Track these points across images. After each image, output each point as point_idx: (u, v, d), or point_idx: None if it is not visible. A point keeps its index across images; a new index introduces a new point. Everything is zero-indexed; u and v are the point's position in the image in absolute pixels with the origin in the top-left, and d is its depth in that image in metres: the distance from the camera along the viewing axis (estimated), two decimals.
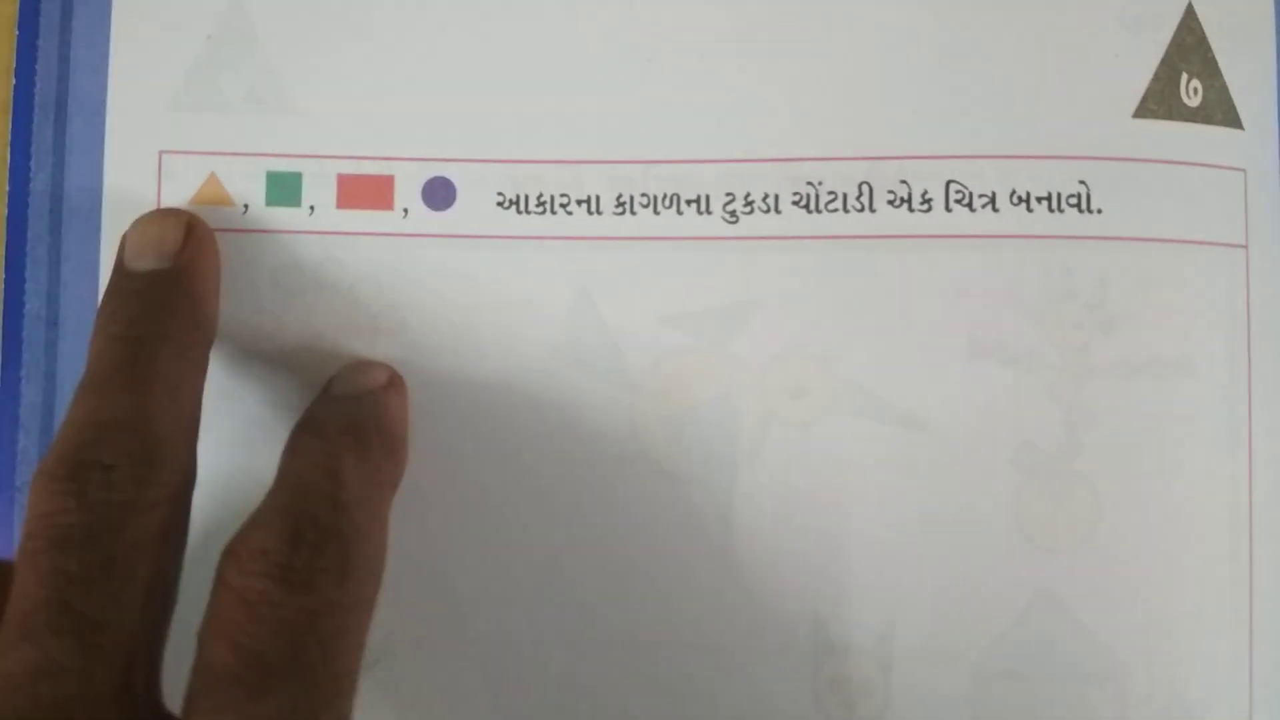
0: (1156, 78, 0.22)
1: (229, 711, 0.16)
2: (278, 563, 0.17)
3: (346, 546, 0.18)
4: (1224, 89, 0.22)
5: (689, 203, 0.22)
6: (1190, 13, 0.22)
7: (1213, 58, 0.22)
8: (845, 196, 0.22)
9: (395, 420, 0.21)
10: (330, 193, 0.22)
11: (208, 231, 0.21)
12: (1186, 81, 0.22)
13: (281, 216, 0.22)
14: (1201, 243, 0.22)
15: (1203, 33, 0.22)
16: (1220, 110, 0.22)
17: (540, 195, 0.22)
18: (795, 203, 0.22)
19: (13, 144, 0.22)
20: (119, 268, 0.21)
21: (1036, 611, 0.22)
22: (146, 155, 0.22)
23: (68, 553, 0.17)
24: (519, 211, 0.22)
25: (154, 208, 0.22)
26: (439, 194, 0.22)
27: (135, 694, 0.17)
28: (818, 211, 0.22)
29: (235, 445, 0.22)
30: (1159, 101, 0.22)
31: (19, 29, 0.22)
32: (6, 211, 0.22)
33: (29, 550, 0.17)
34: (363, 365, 0.22)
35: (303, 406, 0.21)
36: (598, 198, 0.22)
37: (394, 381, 0.22)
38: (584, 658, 0.22)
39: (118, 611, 0.17)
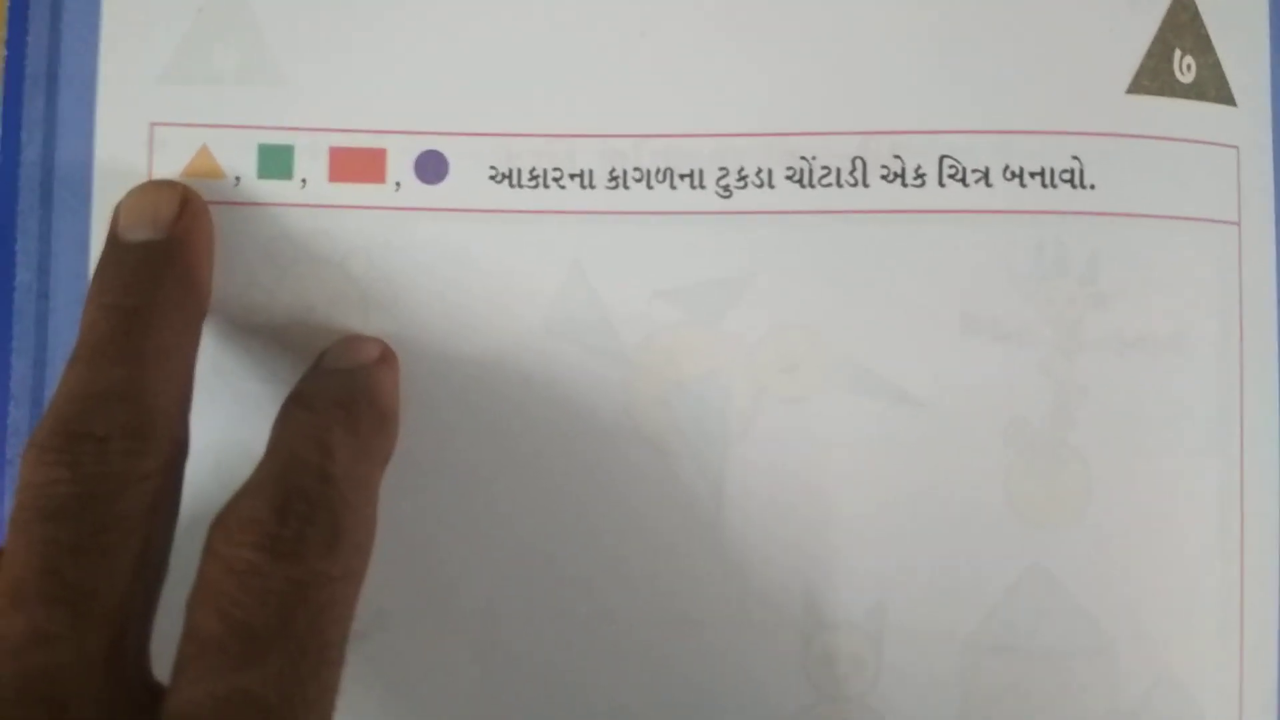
0: (1150, 54, 0.22)
1: (216, 679, 0.16)
2: (266, 533, 0.17)
3: (335, 518, 0.18)
4: (1217, 65, 0.22)
5: (682, 177, 0.22)
6: None
7: (1206, 34, 0.22)
8: (839, 171, 0.22)
9: (386, 395, 0.21)
10: (322, 165, 0.22)
11: (202, 204, 0.21)
12: (1180, 58, 0.22)
13: (273, 189, 0.22)
14: (1194, 219, 0.22)
15: (1196, 9, 0.22)
16: (1213, 87, 0.22)
17: (533, 169, 0.22)
18: (789, 177, 0.22)
19: (3, 116, 0.22)
20: (112, 238, 0.21)
21: (1027, 587, 0.22)
22: (138, 127, 0.22)
23: (59, 522, 0.17)
24: (512, 185, 0.22)
25: (146, 180, 0.22)
26: (431, 167, 0.22)
27: (124, 663, 0.17)
28: (811, 186, 0.22)
29: (226, 418, 0.22)
30: (1152, 78, 0.22)
31: (9, 1, 0.22)
32: None
33: (20, 520, 0.17)
34: (355, 340, 0.22)
35: (293, 380, 0.21)
36: (591, 172, 0.22)
37: (386, 356, 0.21)
38: (574, 633, 0.22)
39: (109, 581, 0.17)
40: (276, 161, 0.22)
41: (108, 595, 0.17)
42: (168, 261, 0.20)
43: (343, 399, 0.20)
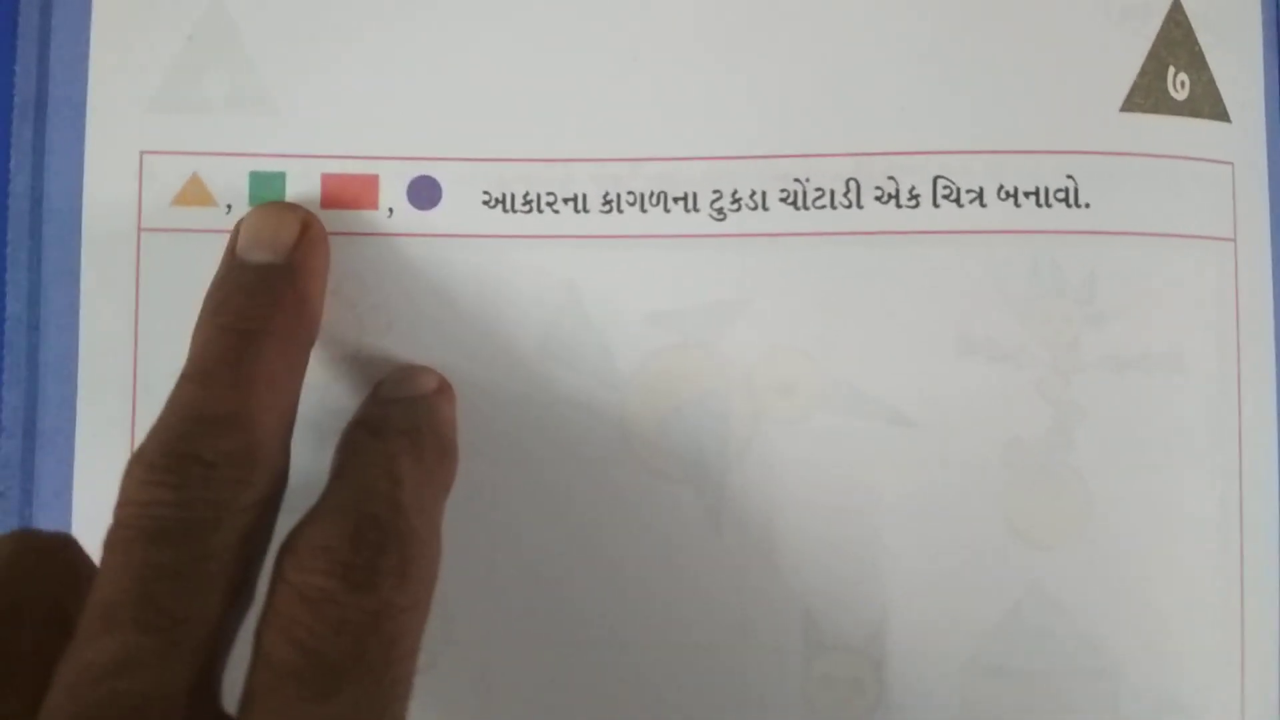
0: (1143, 71, 0.22)
1: (293, 710, 0.16)
2: (340, 560, 0.17)
3: (406, 548, 0.18)
4: (1211, 82, 0.22)
5: (676, 200, 0.22)
6: (1177, 6, 0.22)
7: (1199, 51, 0.22)
8: (833, 193, 0.22)
9: (447, 425, 0.21)
10: (314, 192, 0.22)
11: (321, 231, 0.21)
12: (1174, 75, 0.22)
13: None
14: (1189, 236, 0.22)
15: (1189, 26, 0.22)
16: (1207, 104, 0.22)
17: (527, 194, 0.22)
18: (783, 200, 0.22)
19: None
20: (230, 257, 0.20)
21: (1027, 607, 0.22)
22: (127, 156, 0.22)
23: (160, 546, 0.16)
24: (505, 210, 0.22)
25: (136, 209, 0.22)
26: (424, 193, 0.22)
27: (206, 694, 0.17)
28: (805, 208, 0.22)
29: None
30: (1146, 95, 0.22)
31: None
32: None
33: (121, 538, 0.17)
34: (414, 370, 0.22)
35: None
36: (585, 196, 0.22)
37: (443, 387, 0.21)
38: (573, 656, 0.22)
39: (202, 611, 0.17)
40: (268, 188, 0.22)
41: (199, 625, 0.16)
42: (284, 287, 0.20)
43: (407, 428, 0.20)
